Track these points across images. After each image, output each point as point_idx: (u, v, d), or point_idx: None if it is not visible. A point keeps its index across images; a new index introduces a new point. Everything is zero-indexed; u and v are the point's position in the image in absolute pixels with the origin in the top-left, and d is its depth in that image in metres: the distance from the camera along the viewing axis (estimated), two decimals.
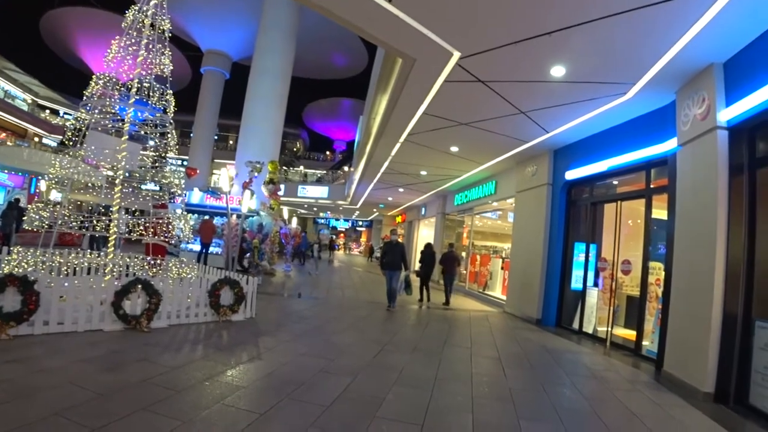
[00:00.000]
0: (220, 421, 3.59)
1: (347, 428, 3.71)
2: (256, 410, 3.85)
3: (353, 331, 7.82)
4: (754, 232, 5.49)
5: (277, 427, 3.60)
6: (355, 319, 8.88)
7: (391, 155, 13.18)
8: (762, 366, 5.06)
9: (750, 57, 5.41)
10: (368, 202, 27.73)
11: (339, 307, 10.55)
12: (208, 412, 3.70)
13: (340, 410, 4.07)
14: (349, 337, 7.37)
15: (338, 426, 3.73)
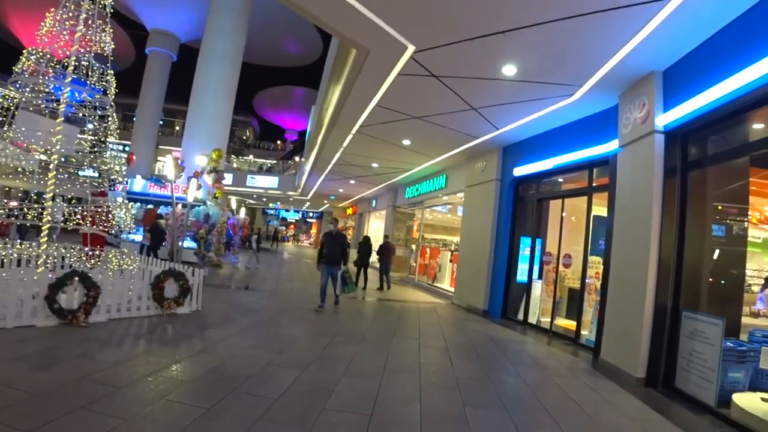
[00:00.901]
0: (164, 417, 3.49)
1: (296, 420, 3.70)
2: (203, 405, 3.77)
3: (302, 324, 7.79)
4: (684, 231, 5.93)
5: (225, 421, 3.55)
6: (304, 312, 8.84)
7: (343, 146, 13.14)
8: (687, 352, 5.51)
9: (686, 67, 5.78)
10: (319, 193, 27.50)
11: (288, 299, 10.47)
12: (152, 409, 3.60)
13: (289, 402, 4.07)
14: (298, 329, 7.34)
15: (287, 418, 3.73)
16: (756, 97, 4.73)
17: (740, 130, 5.56)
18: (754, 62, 4.50)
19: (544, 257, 9.90)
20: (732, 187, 6.26)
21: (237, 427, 3.46)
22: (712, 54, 5.29)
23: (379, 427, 3.76)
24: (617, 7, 4.87)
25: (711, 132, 5.84)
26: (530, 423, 4.23)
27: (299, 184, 26.12)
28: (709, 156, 5.94)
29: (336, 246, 9.48)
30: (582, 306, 8.26)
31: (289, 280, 14.57)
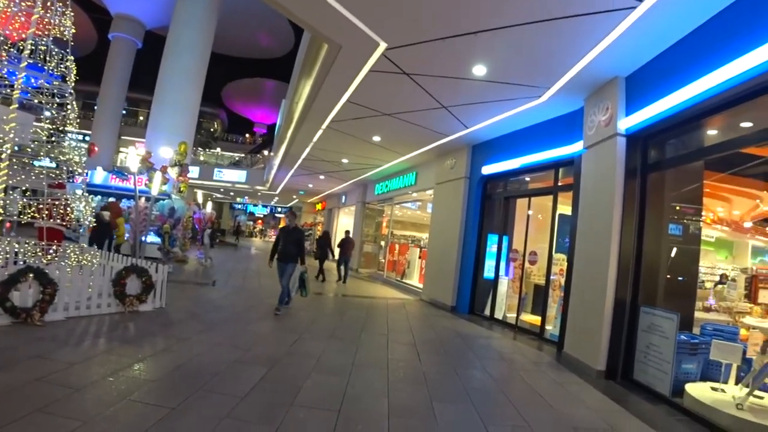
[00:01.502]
0: (126, 418, 3.42)
1: (264, 417, 3.70)
2: (167, 404, 3.71)
3: (270, 320, 7.75)
4: (643, 230, 6.20)
5: (190, 420, 3.51)
6: (272, 308, 8.78)
7: (313, 141, 13.08)
8: (644, 345, 5.80)
9: (647, 74, 6.03)
10: (288, 188, 27.26)
11: (256, 295, 10.39)
12: (113, 410, 3.50)
13: (257, 400, 4.06)
14: (266, 326, 7.30)
15: (255, 416, 3.72)
16: (710, 105, 4.99)
17: (696, 135, 5.87)
18: (709, 72, 4.74)
19: (511, 254, 10.13)
20: (688, 189, 6.58)
21: (203, 426, 3.43)
22: (671, 63, 5.55)
23: (347, 422, 3.80)
24: (584, 13, 5.04)
25: (669, 136, 6.12)
26: (495, 416, 4.36)
27: (268, 178, 25.82)
28: (667, 159, 6.22)
29: (292, 242, 8.75)
30: (547, 302, 8.53)
31: (256, 276, 14.44)
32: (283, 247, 8.70)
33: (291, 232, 8.84)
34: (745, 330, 6.47)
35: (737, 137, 5.06)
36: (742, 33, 4.43)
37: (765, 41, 4.09)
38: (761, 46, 4.13)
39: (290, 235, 8.78)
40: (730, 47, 4.54)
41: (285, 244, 8.71)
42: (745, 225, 16.37)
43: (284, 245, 8.71)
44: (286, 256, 8.66)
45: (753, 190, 11.61)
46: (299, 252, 8.72)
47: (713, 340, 5.30)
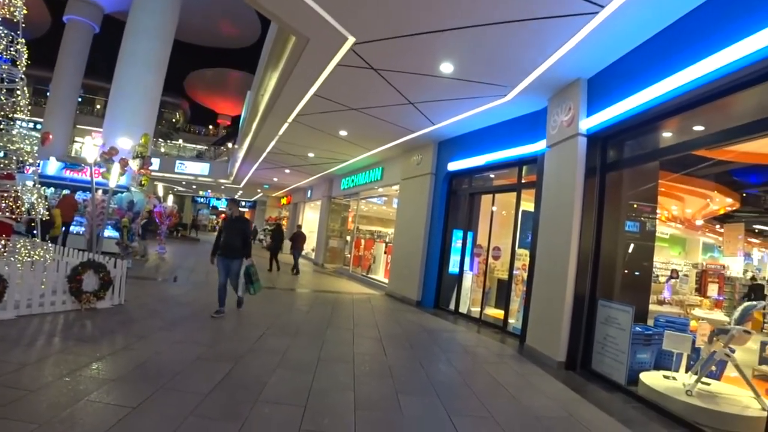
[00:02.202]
0: (84, 419, 3.29)
1: (229, 414, 3.66)
2: (128, 404, 3.60)
3: (234, 316, 7.64)
4: (601, 227, 6.45)
5: (152, 419, 3.42)
6: (235, 303, 8.66)
7: (279, 134, 12.94)
8: (602, 337, 6.06)
9: (608, 77, 6.26)
10: (252, 181, 26.83)
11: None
12: (71, 411, 3.37)
13: (221, 397, 4.00)
14: (230, 322, 7.20)
15: (219, 413, 3.67)
16: (666, 108, 5.23)
17: (652, 137, 6.13)
18: (665, 77, 4.96)
19: (475, 249, 10.31)
20: (644, 188, 6.89)
21: (166, 425, 3.35)
22: (630, 67, 5.77)
23: (313, 416, 3.81)
24: (549, 16, 5.19)
25: (627, 137, 6.38)
26: (460, 407, 4.46)
27: (231, 171, 25.34)
28: (625, 159, 6.48)
29: (235, 233, 7.68)
30: (510, 296, 8.74)
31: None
32: (225, 240, 7.65)
33: (234, 223, 7.82)
34: (694, 321, 6.82)
35: (690, 140, 5.31)
36: (695, 42, 4.66)
37: (715, 51, 4.32)
38: (712, 55, 4.35)
39: (233, 226, 7.76)
40: (684, 54, 4.77)
41: (228, 237, 7.65)
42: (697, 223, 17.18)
43: (227, 238, 7.65)
44: (230, 250, 7.62)
45: (704, 190, 12.21)
46: (245, 245, 7.75)
47: (665, 331, 5.61)
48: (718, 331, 5.06)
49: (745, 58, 4.01)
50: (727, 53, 4.19)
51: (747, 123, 4.43)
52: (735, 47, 4.10)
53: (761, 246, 18.90)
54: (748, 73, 4.14)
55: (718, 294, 12.22)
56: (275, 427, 3.58)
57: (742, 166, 9.05)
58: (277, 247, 16.24)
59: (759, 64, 3.97)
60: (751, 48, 3.93)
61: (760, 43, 3.85)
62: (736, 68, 4.14)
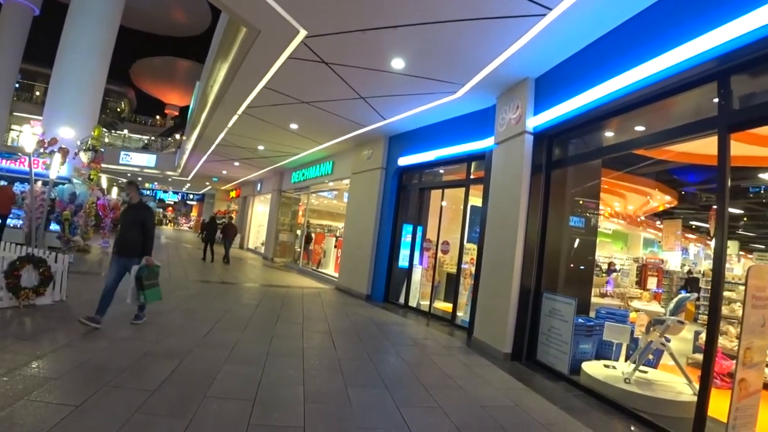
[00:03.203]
0: (25, 419, 3.12)
1: (176, 411, 3.56)
2: (70, 403, 3.44)
3: (181, 311, 7.41)
4: (546, 222, 6.68)
5: (96, 418, 3.28)
6: (182, 299, 8.41)
7: (228, 127, 12.63)
8: (546, 328, 6.29)
9: (554, 77, 6.45)
10: (201, 174, 26.06)
11: (165, 286, 9.75)
12: (9, 411, 3.19)
13: (168, 393, 3.89)
14: (177, 317, 6.98)
15: (166, 409, 3.57)
16: (608, 109, 5.46)
17: (595, 136, 6.40)
18: (608, 79, 5.17)
19: (425, 244, 10.43)
20: (587, 185, 7.17)
21: (111, 423, 3.22)
22: (575, 68, 5.98)
23: (262, 410, 3.76)
24: (499, 16, 5.29)
25: (572, 136, 6.62)
26: (407, 398, 4.51)
27: (179, 163, 24.52)
28: (569, 157, 6.74)
29: (132, 224, 6.01)
30: (458, 289, 8.92)
31: (166, 266, 13.66)
32: (120, 234, 6.09)
33: (132, 212, 6.15)
34: (634, 313, 7.19)
35: (631, 139, 5.57)
36: (637, 47, 4.88)
37: (655, 56, 4.54)
38: (651, 59, 4.57)
39: (131, 215, 6.10)
40: (626, 58, 4.98)
41: (124, 229, 6.07)
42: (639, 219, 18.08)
43: (122, 230, 6.08)
44: (125, 246, 5.99)
45: (645, 188, 12.88)
46: (145, 239, 6.04)
47: (606, 322, 5.89)
48: (655, 321, 5.36)
49: (682, 64, 4.23)
50: (665, 58, 4.40)
51: (683, 124, 4.70)
52: (673, 53, 4.31)
53: (697, 241, 20.18)
54: (684, 78, 4.38)
55: (657, 287, 12.96)
56: (224, 422, 3.50)
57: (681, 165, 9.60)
58: (212, 238, 16.85)
59: (694, 70, 4.21)
60: (688, 54, 4.15)
61: (695, 50, 4.08)
62: (674, 73, 4.36)
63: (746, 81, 4.13)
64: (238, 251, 24.50)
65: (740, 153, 6.70)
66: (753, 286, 3.69)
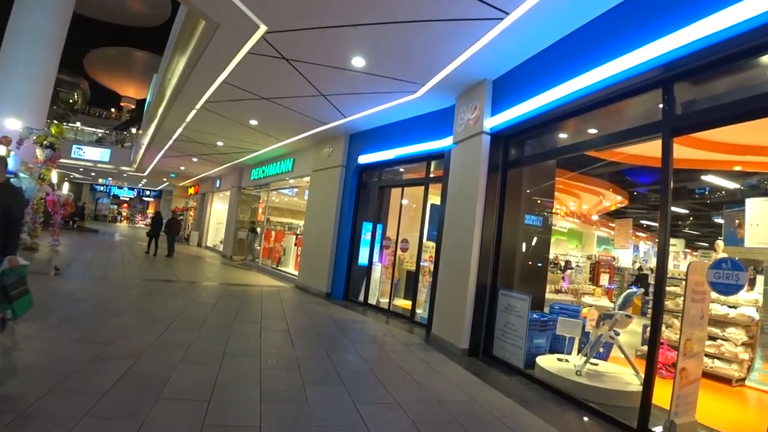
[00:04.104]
0: None
1: (127, 413, 3.46)
2: (13, 409, 3.29)
3: (135, 312, 7.19)
4: (502, 220, 6.84)
5: (42, 423, 3.16)
6: (137, 299, 8.16)
7: (186, 121, 12.32)
8: (502, 324, 6.45)
9: (511, 80, 6.62)
10: (158, 170, 25.27)
11: (120, 285, 9.54)
12: None
13: (120, 395, 3.78)
14: (131, 318, 6.75)
15: (117, 412, 3.46)
16: (562, 111, 5.65)
17: (550, 137, 6.61)
18: (562, 82, 5.35)
19: (384, 242, 10.49)
20: (542, 185, 7.40)
21: (58, 428, 3.10)
22: (531, 71, 6.14)
23: (217, 411, 3.71)
24: (458, 19, 5.38)
25: (527, 137, 6.80)
26: (365, 395, 4.54)
27: (135, 158, 23.69)
28: (525, 157, 6.93)
29: None
30: (417, 287, 9.01)
31: (120, 264, 13.24)
32: None
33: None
34: (586, 308, 7.47)
35: (583, 141, 5.78)
36: (590, 52, 5.07)
37: (606, 61, 4.74)
38: (602, 65, 4.77)
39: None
40: (579, 62, 5.16)
41: None
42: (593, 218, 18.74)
43: None
44: None
45: (598, 188, 13.37)
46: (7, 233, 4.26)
47: (559, 317, 6.09)
48: (604, 316, 5.59)
49: (631, 70, 4.45)
50: (615, 64, 4.61)
51: (631, 128, 4.92)
52: (622, 59, 4.52)
53: (647, 239, 21.09)
54: (632, 84, 4.61)
55: (609, 283, 13.47)
56: (177, 423, 3.43)
57: (632, 167, 10.01)
58: (157, 233, 17.26)
59: (641, 76, 4.44)
60: (636, 61, 4.37)
61: (642, 57, 4.29)
62: (623, 78, 4.58)
63: (688, 88, 4.37)
64: (196, 249, 23.96)
65: (687, 156, 7.08)
66: (693, 281, 3.91)
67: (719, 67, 3.98)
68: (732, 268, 3.62)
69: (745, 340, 6.25)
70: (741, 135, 6.55)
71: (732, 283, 3.61)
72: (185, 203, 35.25)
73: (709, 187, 11.80)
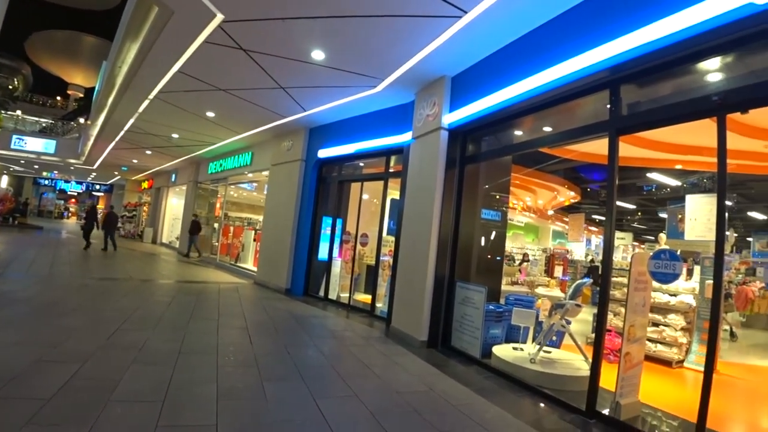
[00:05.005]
0: None
1: (75, 418, 3.32)
2: None
3: (84, 312, 6.89)
4: (460, 214, 6.99)
5: None
6: (86, 298, 7.84)
7: (138, 112, 11.86)
8: (460, 316, 6.60)
9: (469, 77, 6.73)
10: (108, 163, 24.21)
11: (66, 285, 9.14)
12: None
13: (66, 400, 3.62)
14: (79, 318, 6.46)
15: (63, 418, 3.32)
16: (516, 109, 5.82)
17: (506, 134, 6.79)
18: (518, 81, 5.50)
19: (344, 236, 10.49)
20: (499, 180, 7.58)
21: None
22: (489, 69, 6.28)
23: (172, 411, 3.62)
24: (417, 15, 5.42)
25: (484, 133, 6.96)
26: (325, 389, 4.56)
27: (83, 150, 22.62)
28: (482, 153, 7.07)
29: None
30: (377, 281, 9.08)
31: (67, 263, 12.70)
32: None
33: None
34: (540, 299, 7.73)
35: (537, 138, 5.98)
36: (544, 52, 5.22)
37: (558, 62, 4.91)
38: (555, 65, 4.94)
39: None
40: (535, 62, 5.31)
41: None
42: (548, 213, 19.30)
43: None
44: None
45: (553, 184, 13.79)
46: None
47: (514, 308, 6.28)
48: (556, 306, 5.81)
49: (581, 71, 4.63)
50: (567, 65, 4.79)
51: (581, 126, 5.13)
52: (573, 60, 4.70)
53: (599, 233, 21.90)
54: (582, 84, 4.80)
55: (563, 275, 13.94)
56: (129, 426, 3.33)
57: (585, 164, 10.39)
58: (91, 228, 17.49)
59: (591, 77, 4.63)
60: (586, 63, 4.55)
61: (591, 59, 4.49)
62: (574, 79, 4.75)
63: (633, 90, 4.62)
64: (150, 246, 23.25)
65: (635, 155, 7.41)
66: (636, 272, 4.13)
67: (661, 71, 4.22)
68: (670, 258, 3.86)
69: (683, 326, 6.68)
70: (682, 136, 6.94)
71: (670, 272, 3.85)
72: (138, 198, 34.02)
73: (655, 184, 12.40)
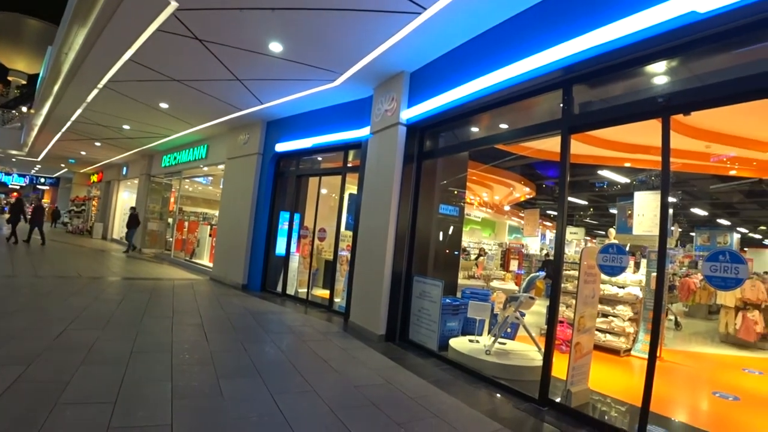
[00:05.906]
0: None
1: (20, 424, 3.18)
2: None
3: (29, 312, 6.57)
4: (417, 209, 7.07)
5: None
6: (29, 298, 7.47)
7: (86, 102, 11.33)
8: (417, 309, 6.70)
9: (427, 73, 6.80)
10: (54, 154, 23.02)
11: (7, 284, 8.66)
12: None
13: (10, 405, 3.46)
14: (24, 319, 6.15)
15: (8, 423, 3.18)
16: (472, 106, 5.94)
17: (463, 130, 6.89)
18: (474, 78, 5.60)
19: (302, 231, 10.42)
20: (456, 176, 7.70)
21: None
22: (447, 65, 6.36)
23: (124, 412, 3.52)
24: (375, 10, 5.43)
25: (442, 129, 7.06)
26: (282, 385, 4.53)
27: (26, 141, 21.40)
28: (439, 149, 7.18)
29: None
30: (335, 276, 9.06)
31: (8, 261, 12.07)
32: None
33: None
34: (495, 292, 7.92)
35: (492, 135, 6.12)
36: (500, 51, 5.34)
37: (513, 61, 5.03)
38: (511, 64, 5.06)
39: None
40: (490, 61, 5.43)
41: None
42: (505, 208, 19.74)
43: None
44: None
45: (509, 180, 14.11)
46: None
47: (470, 301, 6.42)
48: (510, 298, 5.97)
49: (535, 71, 4.77)
50: (522, 64, 4.91)
51: (535, 124, 5.29)
52: (528, 60, 4.83)
53: (553, 228, 22.59)
54: (537, 83, 4.96)
55: (518, 268, 14.34)
56: (79, 429, 3.21)
57: (540, 161, 10.69)
58: (17, 221, 17.03)
59: (545, 77, 4.78)
60: (540, 63, 4.69)
61: (546, 59, 4.62)
62: (529, 78, 4.89)
63: (585, 90, 4.80)
64: (100, 242, 22.37)
65: (587, 152, 7.68)
66: (585, 265, 4.30)
67: (612, 72, 4.40)
68: (617, 252, 4.04)
69: (631, 316, 7.01)
70: (631, 135, 7.26)
71: (617, 265, 4.03)
72: (87, 192, 32.60)
73: (606, 181, 12.89)
